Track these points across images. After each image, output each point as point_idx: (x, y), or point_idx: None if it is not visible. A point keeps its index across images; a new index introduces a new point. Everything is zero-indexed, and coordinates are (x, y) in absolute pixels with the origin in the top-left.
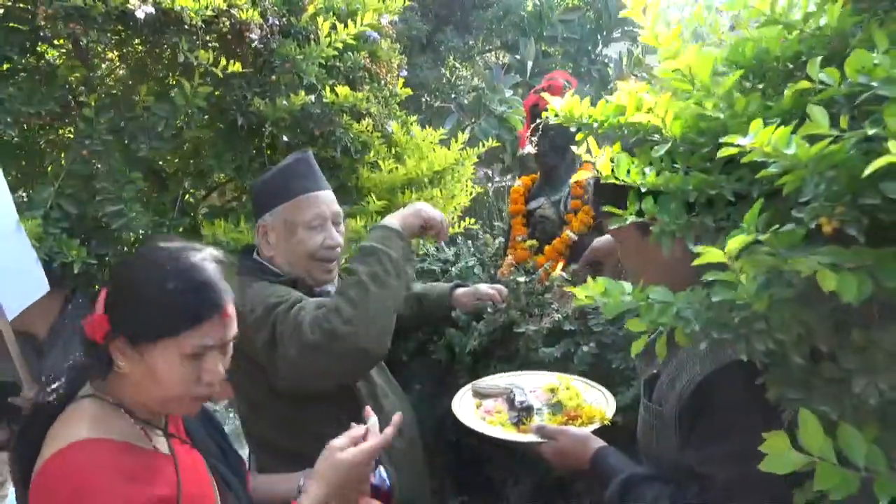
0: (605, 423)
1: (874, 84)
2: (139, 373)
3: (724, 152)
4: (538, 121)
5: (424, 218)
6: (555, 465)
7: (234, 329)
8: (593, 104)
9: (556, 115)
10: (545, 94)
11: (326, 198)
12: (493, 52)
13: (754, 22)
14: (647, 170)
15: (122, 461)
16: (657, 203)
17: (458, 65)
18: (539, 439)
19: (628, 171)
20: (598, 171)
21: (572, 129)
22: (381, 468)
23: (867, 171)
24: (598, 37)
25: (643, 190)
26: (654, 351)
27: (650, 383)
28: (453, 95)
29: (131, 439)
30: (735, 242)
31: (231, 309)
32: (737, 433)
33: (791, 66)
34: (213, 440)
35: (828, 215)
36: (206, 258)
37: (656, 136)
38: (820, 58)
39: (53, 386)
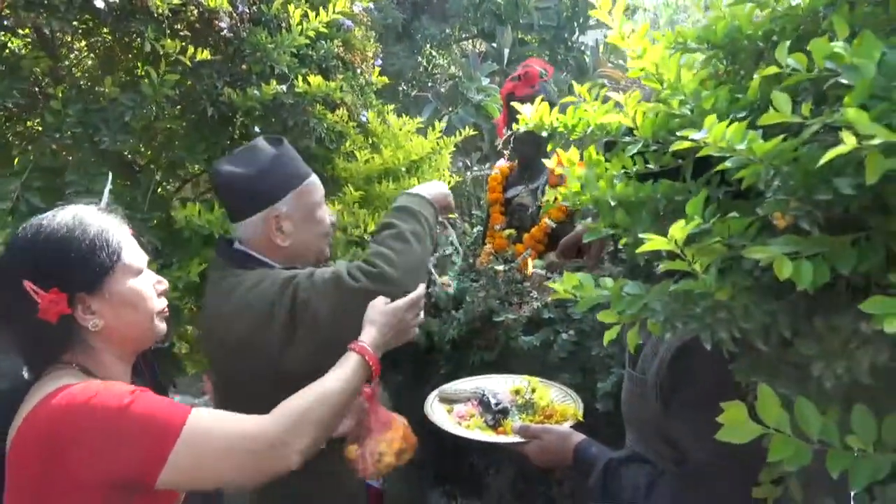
0: (579, 420)
1: (840, 70)
2: (115, 314)
3: (677, 146)
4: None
5: (449, 201)
6: (539, 462)
7: None
8: (570, 92)
9: (527, 123)
10: (517, 106)
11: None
12: (470, 41)
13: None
14: (616, 180)
15: (107, 387)
16: (629, 215)
17: (434, 53)
18: (523, 439)
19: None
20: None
21: (544, 135)
22: None
23: (821, 162)
24: (575, 24)
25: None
26: (644, 324)
27: (635, 353)
28: (430, 84)
29: None
30: (677, 229)
31: None
32: (712, 407)
33: (762, 45)
34: None
35: (782, 210)
36: (78, 205)
37: (627, 139)
38: (788, 42)
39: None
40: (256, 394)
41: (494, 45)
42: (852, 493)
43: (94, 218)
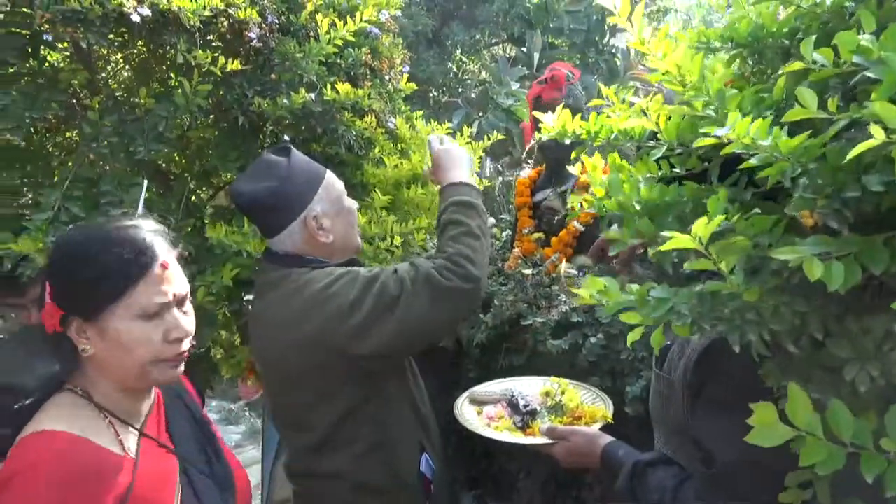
0: (608, 421)
1: (868, 65)
2: (106, 349)
3: (700, 142)
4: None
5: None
6: (567, 463)
7: (184, 283)
8: (600, 95)
9: (549, 132)
10: (539, 115)
11: None
12: (500, 46)
13: None
14: (641, 184)
15: (71, 456)
16: (654, 222)
17: (464, 59)
18: (550, 441)
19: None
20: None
21: (567, 142)
22: (427, 456)
23: (849, 157)
24: (605, 27)
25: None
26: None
27: (662, 353)
28: (460, 90)
29: (92, 435)
30: (700, 226)
31: (171, 260)
32: (739, 408)
33: (787, 42)
34: (201, 450)
35: (810, 209)
36: (133, 221)
37: (651, 143)
38: (814, 37)
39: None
40: (322, 388)
41: (524, 49)
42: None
43: (125, 241)
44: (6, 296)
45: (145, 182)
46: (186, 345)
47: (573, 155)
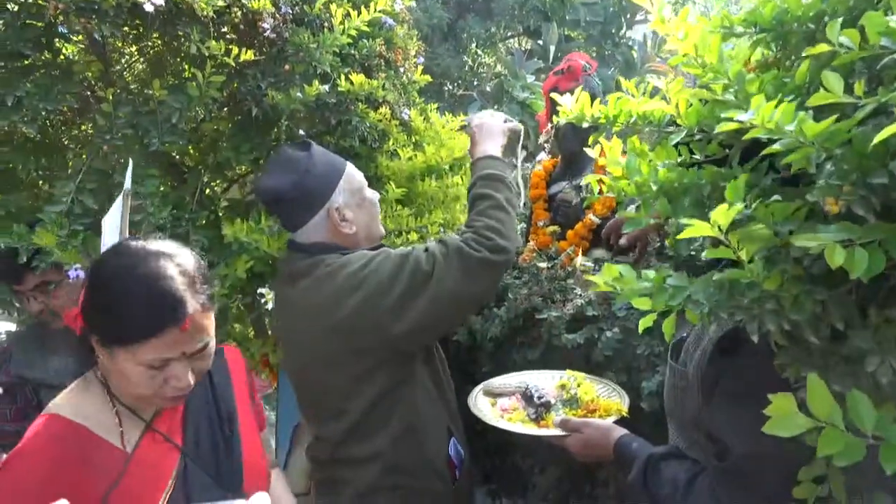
0: (623, 415)
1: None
2: (112, 369)
3: (721, 128)
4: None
5: (516, 134)
6: (580, 456)
7: (201, 338)
8: (618, 88)
9: (568, 116)
10: (557, 97)
11: None
12: (516, 38)
13: None
14: (660, 166)
15: (62, 442)
16: (671, 204)
17: (479, 52)
18: (563, 432)
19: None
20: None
21: (585, 126)
22: (455, 441)
23: (875, 141)
24: (622, 19)
25: (655, 188)
26: (684, 315)
27: (677, 346)
28: (475, 83)
29: (93, 423)
30: (720, 214)
31: (196, 318)
32: (755, 400)
33: (813, 27)
34: (213, 445)
35: (834, 195)
36: (171, 267)
37: (670, 129)
38: (840, 20)
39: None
40: (358, 372)
41: (540, 42)
42: None
43: (154, 293)
44: (7, 283)
45: (131, 162)
46: (188, 389)
47: (590, 139)
